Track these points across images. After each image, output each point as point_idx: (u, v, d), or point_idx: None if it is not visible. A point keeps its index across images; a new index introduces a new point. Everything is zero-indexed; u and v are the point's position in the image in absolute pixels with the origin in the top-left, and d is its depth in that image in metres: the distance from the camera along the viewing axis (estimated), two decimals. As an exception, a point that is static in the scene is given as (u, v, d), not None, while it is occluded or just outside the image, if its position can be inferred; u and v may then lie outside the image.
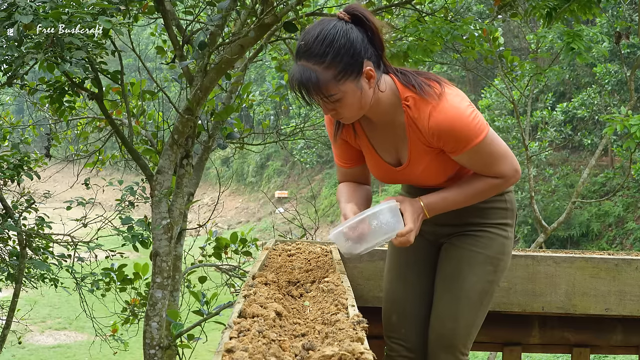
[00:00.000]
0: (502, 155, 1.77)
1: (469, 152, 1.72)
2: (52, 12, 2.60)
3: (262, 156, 30.17)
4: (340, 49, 1.61)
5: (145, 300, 4.73)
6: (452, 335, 1.93)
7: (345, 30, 1.64)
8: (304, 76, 1.62)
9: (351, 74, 1.64)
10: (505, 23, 15.54)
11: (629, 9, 13.60)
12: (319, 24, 1.66)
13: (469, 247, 1.91)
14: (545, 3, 4.29)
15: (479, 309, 1.93)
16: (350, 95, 1.65)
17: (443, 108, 1.68)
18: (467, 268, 1.90)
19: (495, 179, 1.79)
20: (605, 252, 2.59)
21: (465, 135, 1.69)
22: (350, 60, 1.63)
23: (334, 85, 1.63)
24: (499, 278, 1.94)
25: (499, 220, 1.93)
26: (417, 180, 1.90)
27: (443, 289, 1.95)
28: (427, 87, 1.70)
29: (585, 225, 17.81)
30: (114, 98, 4.43)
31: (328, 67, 1.61)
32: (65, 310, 13.54)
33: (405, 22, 5.75)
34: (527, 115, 9.62)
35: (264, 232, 22.99)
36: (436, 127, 1.68)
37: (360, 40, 1.65)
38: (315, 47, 1.62)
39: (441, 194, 1.80)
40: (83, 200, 4.78)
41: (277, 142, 5.61)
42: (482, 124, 1.71)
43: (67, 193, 5.58)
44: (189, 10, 3.78)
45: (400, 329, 2.03)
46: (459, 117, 1.68)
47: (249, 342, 1.05)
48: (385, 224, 1.67)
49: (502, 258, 1.93)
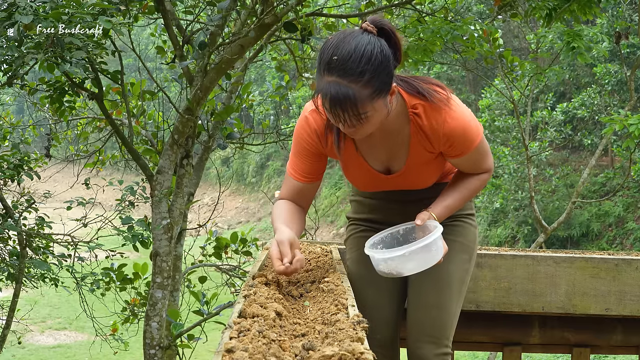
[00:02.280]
0: (488, 150, 1.83)
1: (471, 153, 1.76)
2: (52, 12, 2.61)
3: (262, 156, 30.15)
4: (378, 67, 1.56)
5: (145, 300, 4.73)
6: (437, 325, 1.91)
7: (381, 46, 1.58)
8: (341, 94, 1.54)
9: (385, 92, 1.60)
10: (505, 23, 15.55)
11: (629, 9, 13.59)
12: (352, 37, 1.58)
13: (448, 237, 1.89)
14: (545, 3, 4.29)
15: (458, 298, 1.95)
16: (379, 113, 1.61)
17: (455, 114, 1.71)
18: (447, 257, 1.86)
19: (484, 174, 1.85)
20: (605, 252, 2.59)
21: (471, 139, 1.74)
22: (386, 79, 1.59)
23: (369, 103, 1.57)
24: (472, 267, 1.99)
25: (468, 211, 2.01)
26: (409, 184, 1.89)
27: (423, 279, 1.91)
28: (435, 93, 1.71)
29: (585, 225, 17.80)
30: (114, 98, 4.43)
31: (366, 85, 1.55)
32: (65, 310, 13.54)
33: (405, 22, 5.75)
34: (527, 115, 9.62)
35: (264, 232, 22.99)
36: (450, 133, 1.71)
37: (391, 55, 1.60)
38: (352, 63, 1.54)
39: (445, 203, 1.82)
40: (83, 200, 4.78)
41: (277, 142, 5.61)
42: (479, 124, 1.77)
43: (67, 193, 5.59)
44: (189, 10, 3.78)
45: (376, 334, 1.99)
46: (467, 122, 1.72)
47: (249, 342, 1.05)
48: (440, 248, 1.71)
49: (474, 247, 2.00)
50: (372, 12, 4.72)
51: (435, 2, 6.82)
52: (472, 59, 5.66)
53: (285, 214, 1.81)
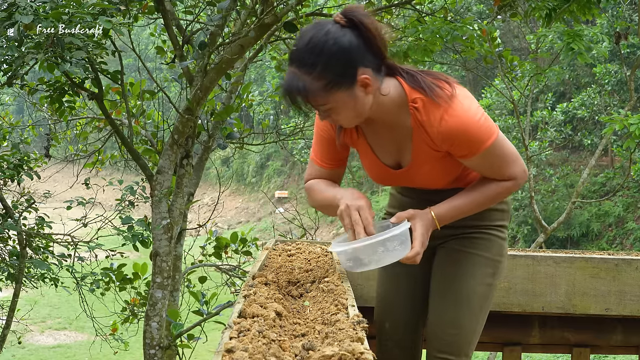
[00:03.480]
0: (511, 156, 1.70)
1: (479, 156, 1.66)
2: (52, 12, 2.61)
3: (262, 156, 30.15)
4: (330, 59, 1.53)
5: (145, 300, 4.73)
6: (453, 342, 1.84)
7: (338, 37, 1.54)
8: (293, 85, 1.56)
9: (342, 84, 1.56)
10: (505, 23, 15.54)
11: (629, 9, 13.60)
12: (312, 28, 1.57)
13: (468, 250, 1.85)
14: (545, 3, 4.29)
15: (479, 314, 1.86)
16: (342, 104, 1.59)
17: (455, 112, 1.60)
18: (466, 271, 1.84)
19: (507, 182, 1.72)
20: (605, 252, 2.59)
21: (476, 139, 1.62)
22: (341, 70, 1.55)
23: (323, 95, 1.56)
24: (497, 281, 1.90)
25: (497, 223, 1.88)
26: (417, 183, 1.83)
27: (442, 293, 1.88)
28: (438, 89, 1.62)
29: (585, 225, 17.81)
30: (114, 98, 4.43)
31: (318, 77, 1.54)
32: (65, 310, 13.54)
33: (405, 22, 5.75)
34: (527, 115, 9.62)
35: (264, 232, 22.98)
36: (447, 132, 1.62)
37: (355, 47, 1.55)
38: (306, 55, 1.54)
39: (453, 203, 1.73)
40: (83, 200, 4.78)
41: (277, 142, 5.61)
42: (492, 125, 1.66)
43: (67, 193, 5.59)
44: (189, 10, 3.78)
45: (393, 335, 1.99)
46: (470, 121, 1.61)
47: (249, 342, 1.05)
48: (391, 251, 1.62)
49: (501, 260, 1.89)
50: (372, 12, 4.72)
51: (435, 2, 6.82)
52: (472, 59, 5.66)
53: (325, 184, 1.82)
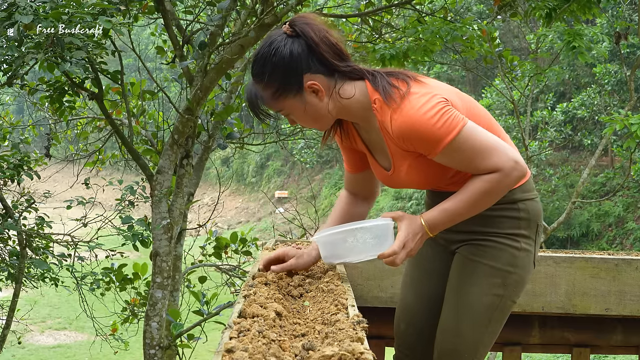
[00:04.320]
0: (487, 148, 1.61)
1: (442, 154, 1.61)
2: (52, 12, 2.61)
3: (262, 156, 30.16)
4: (274, 68, 1.61)
5: (145, 300, 4.74)
6: (453, 351, 1.81)
7: (280, 47, 1.62)
8: (248, 94, 1.67)
9: (289, 91, 1.63)
10: (505, 23, 15.54)
11: (629, 9, 13.60)
12: (263, 41, 1.67)
13: (472, 257, 1.80)
14: (545, 3, 4.29)
15: (486, 325, 1.79)
16: (295, 110, 1.67)
17: (402, 111, 1.60)
18: (470, 280, 1.79)
19: (491, 175, 1.61)
20: (605, 252, 2.59)
21: (430, 138, 1.58)
22: (285, 79, 1.62)
23: (274, 103, 1.66)
24: (511, 293, 1.79)
25: (509, 230, 1.77)
26: (407, 183, 1.82)
27: (447, 301, 1.85)
28: (392, 89, 1.63)
29: (585, 225, 17.82)
30: (114, 98, 4.43)
31: (266, 86, 1.64)
32: (65, 310, 13.54)
33: (405, 22, 5.75)
34: (527, 115, 9.63)
35: (264, 232, 22.99)
36: (399, 131, 1.61)
37: (298, 55, 1.61)
38: (255, 66, 1.65)
39: (442, 206, 1.67)
40: (83, 199, 4.78)
41: (277, 142, 5.61)
42: (452, 121, 1.58)
43: (67, 193, 5.59)
44: (189, 10, 3.78)
45: (407, 337, 1.98)
46: (418, 120, 1.58)
47: (249, 342, 1.05)
48: (361, 244, 1.59)
49: (513, 271, 1.77)
50: (372, 12, 4.73)
51: (435, 2, 6.81)
52: (472, 59, 5.66)
53: (339, 210, 1.95)
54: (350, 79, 1.68)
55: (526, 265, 1.80)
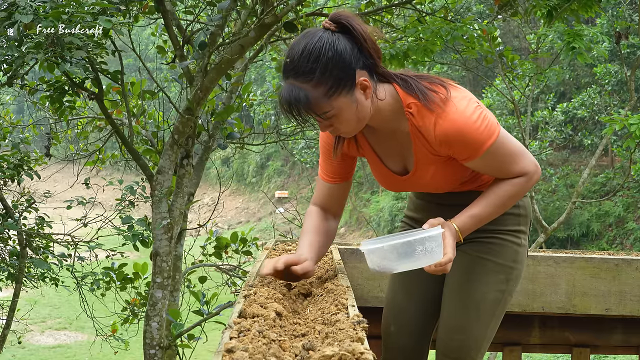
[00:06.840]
0: (517, 152, 1.66)
1: (481, 158, 1.62)
2: (52, 12, 2.60)
3: (262, 156, 30.14)
4: (328, 63, 1.51)
5: (145, 300, 4.74)
6: (461, 347, 1.83)
7: (332, 41, 1.53)
8: (293, 96, 1.52)
9: (344, 88, 1.54)
10: (505, 23, 15.53)
11: (629, 9, 13.60)
12: (304, 38, 1.56)
13: (479, 255, 1.82)
14: (546, 2, 4.29)
15: (490, 321, 1.83)
16: (345, 110, 1.56)
17: (449, 115, 1.58)
18: (477, 277, 1.81)
19: (519, 179, 1.67)
20: (605, 252, 2.59)
21: (474, 142, 1.59)
22: (341, 74, 1.53)
23: (326, 102, 1.54)
24: (512, 288, 1.85)
25: (511, 227, 1.84)
26: (424, 187, 1.81)
27: (451, 299, 1.86)
28: (431, 94, 1.60)
29: (586, 225, 17.81)
30: (114, 98, 4.43)
31: (318, 84, 1.52)
32: (65, 310, 13.54)
33: (405, 22, 5.75)
34: (528, 115, 9.62)
35: (264, 232, 22.98)
36: (444, 136, 1.59)
37: (349, 50, 1.54)
38: (302, 64, 1.52)
39: (470, 212, 1.68)
40: (83, 199, 4.78)
41: (277, 142, 5.61)
42: (492, 125, 1.61)
43: (67, 193, 5.58)
44: (189, 10, 3.78)
45: (398, 338, 1.97)
46: (466, 124, 1.57)
47: (249, 342, 1.05)
48: (429, 252, 1.58)
49: (515, 266, 1.84)
50: (372, 12, 4.72)
51: (435, 2, 6.81)
52: (472, 59, 5.66)
53: (310, 227, 1.80)
54: (380, 81, 1.64)
55: (524, 260, 1.88)
